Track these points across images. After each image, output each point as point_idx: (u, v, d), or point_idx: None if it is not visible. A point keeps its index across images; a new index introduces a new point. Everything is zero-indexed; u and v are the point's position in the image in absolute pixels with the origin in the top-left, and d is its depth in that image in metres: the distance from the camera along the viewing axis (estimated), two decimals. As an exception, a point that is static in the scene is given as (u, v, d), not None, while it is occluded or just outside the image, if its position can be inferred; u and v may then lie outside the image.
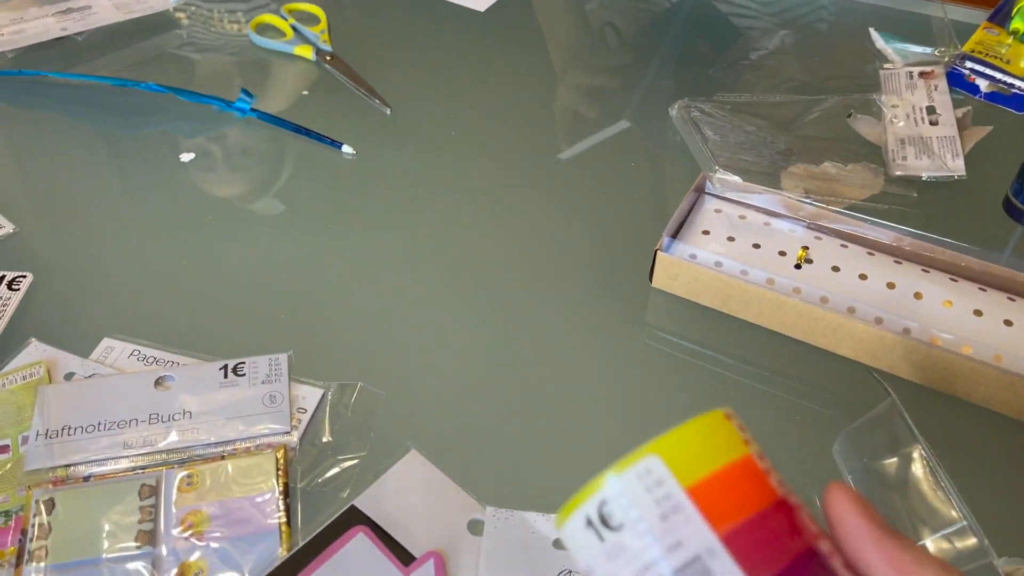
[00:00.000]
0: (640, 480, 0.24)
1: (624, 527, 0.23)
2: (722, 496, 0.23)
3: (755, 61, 0.75)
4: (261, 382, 0.50)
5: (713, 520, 0.23)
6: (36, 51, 0.73)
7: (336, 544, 0.43)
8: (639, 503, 0.23)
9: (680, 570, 0.23)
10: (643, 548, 0.23)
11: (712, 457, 0.24)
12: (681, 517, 0.23)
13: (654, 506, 0.23)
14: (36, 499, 0.45)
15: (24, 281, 0.56)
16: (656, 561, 0.23)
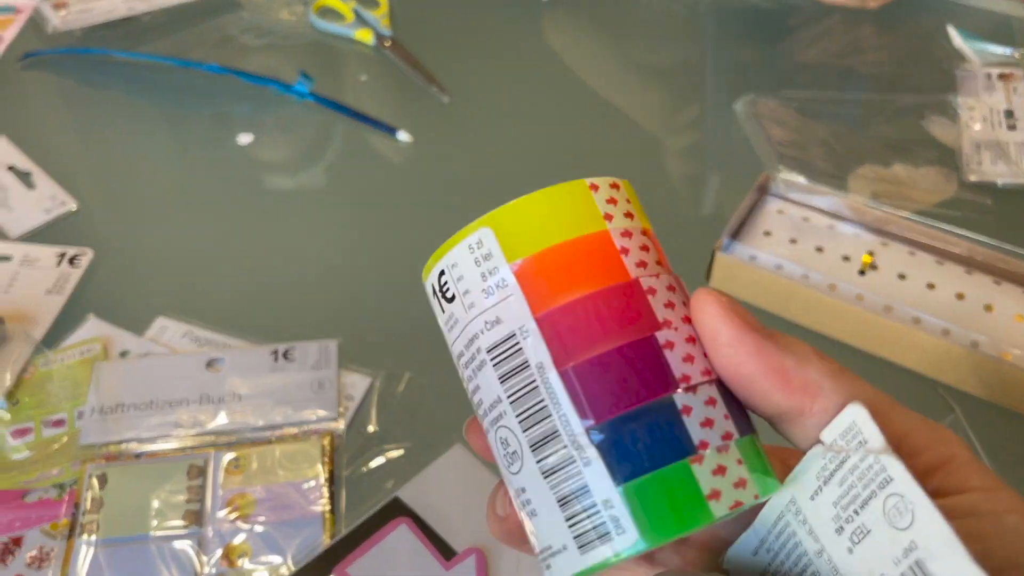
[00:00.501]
0: (471, 252, 0.23)
1: (455, 299, 0.23)
2: (551, 273, 0.22)
3: (824, 57, 0.72)
4: (310, 368, 0.50)
5: (532, 299, 0.22)
6: (102, 30, 0.74)
7: (379, 534, 0.43)
8: (467, 276, 0.23)
9: (493, 348, 0.22)
10: (468, 321, 0.23)
11: (552, 231, 0.22)
12: (503, 293, 0.22)
13: (480, 280, 0.22)
14: (89, 473, 0.46)
15: (84, 257, 0.57)
16: (477, 336, 0.22)
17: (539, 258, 0.22)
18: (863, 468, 0.18)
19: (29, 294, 0.55)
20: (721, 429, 0.21)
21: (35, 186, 0.62)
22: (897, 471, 0.18)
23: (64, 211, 0.61)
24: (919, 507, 0.17)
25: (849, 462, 0.19)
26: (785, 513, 0.20)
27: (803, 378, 0.21)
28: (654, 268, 0.23)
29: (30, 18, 0.76)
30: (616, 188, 0.24)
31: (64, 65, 0.72)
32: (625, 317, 0.21)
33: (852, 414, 0.19)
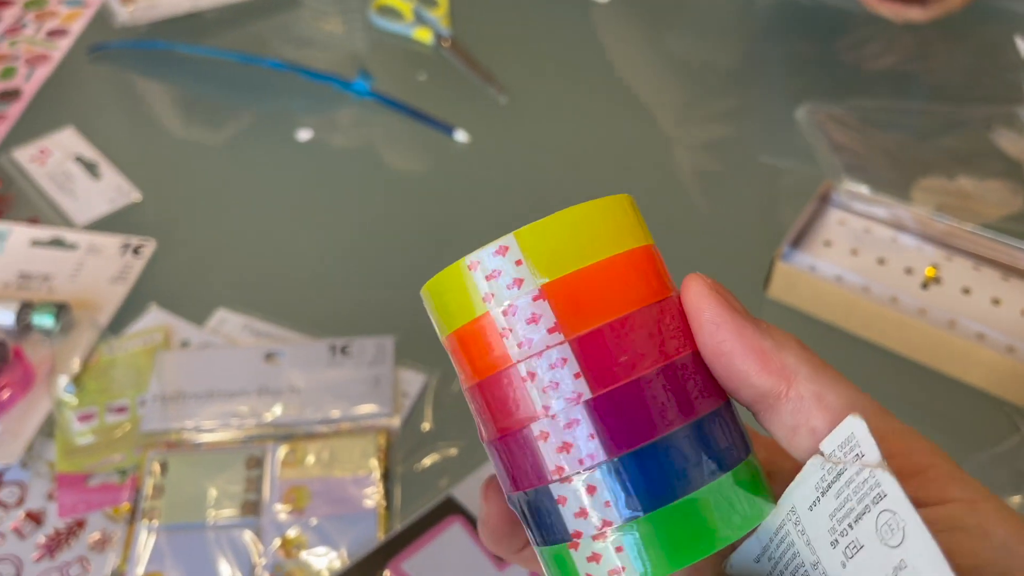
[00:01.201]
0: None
1: None
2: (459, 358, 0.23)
3: (889, 66, 0.71)
4: (367, 364, 0.51)
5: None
6: (168, 25, 0.76)
7: (432, 532, 0.44)
8: None
9: None
10: None
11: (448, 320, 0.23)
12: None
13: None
14: (151, 460, 0.47)
15: (147, 247, 0.58)
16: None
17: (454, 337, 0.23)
18: (858, 482, 0.18)
19: (94, 282, 0.56)
20: (597, 519, 0.21)
21: (100, 176, 0.63)
22: (891, 487, 0.17)
23: (128, 202, 0.62)
24: (910, 525, 0.17)
25: (846, 475, 0.19)
26: (786, 522, 0.20)
27: (780, 361, 0.21)
28: (548, 339, 0.21)
29: (97, 12, 0.78)
30: (501, 253, 0.22)
31: (130, 58, 0.73)
32: (505, 408, 0.22)
33: (851, 426, 0.19)
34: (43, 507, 0.46)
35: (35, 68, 0.72)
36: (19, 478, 0.47)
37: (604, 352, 0.21)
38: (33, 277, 0.56)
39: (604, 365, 0.21)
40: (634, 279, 0.22)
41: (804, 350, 0.22)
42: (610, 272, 0.22)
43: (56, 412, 0.49)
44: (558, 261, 0.21)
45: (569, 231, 0.22)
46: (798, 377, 0.21)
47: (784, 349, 0.21)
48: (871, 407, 0.21)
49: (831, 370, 0.22)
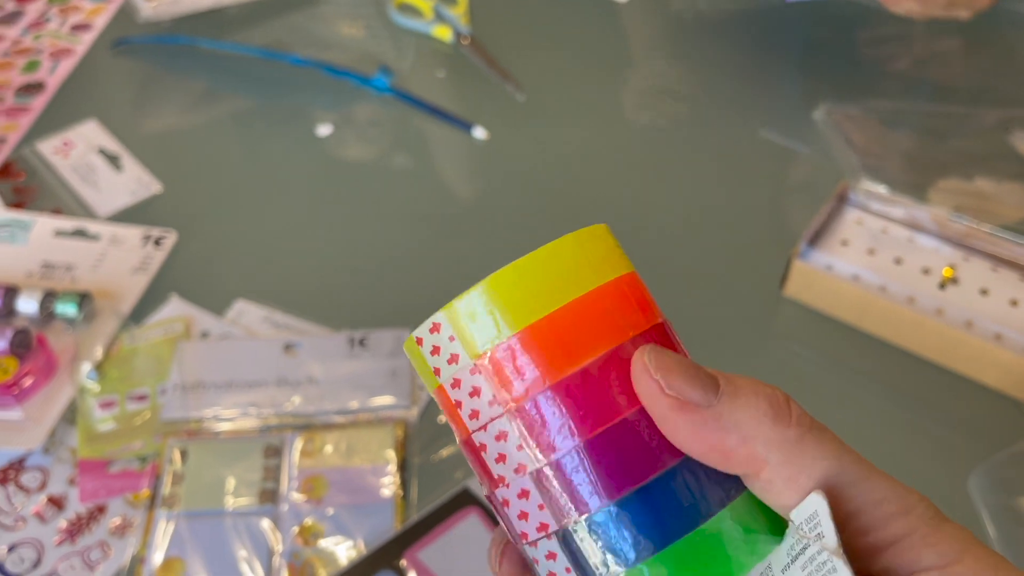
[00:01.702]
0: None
1: None
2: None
3: (907, 67, 0.71)
4: (384, 356, 0.51)
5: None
6: (190, 20, 0.76)
7: (448, 522, 0.44)
8: None
9: None
10: None
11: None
12: None
13: None
14: (171, 447, 0.47)
15: (168, 239, 0.59)
16: None
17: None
18: (819, 560, 0.19)
19: (115, 272, 0.57)
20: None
21: (123, 169, 0.64)
22: (843, 574, 0.18)
23: (149, 194, 0.62)
24: None
25: (809, 550, 0.19)
26: (765, 573, 0.21)
27: (746, 452, 0.20)
28: (490, 412, 0.21)
29: (121, 7, 0.78)
30: (435, 331, 0.22)
31: (153, 53, 0.74)
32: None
33: (814, 504, 0.19)
34: (65, 492, 0.47)
35: (59, 62, 0.73)
36: (41, 463, 0.48)
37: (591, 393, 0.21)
38: (56, 267, 0.57)
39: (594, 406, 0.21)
40: (599, 319, 0.21)
41: (777, 430, 0.20)
42: (576, 315, 0.21)
43: (78, 399, 0.49)
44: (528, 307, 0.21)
45: (535, 274, 0.21)
46: (768, 464, 0.20)
47: (751, 439, 0.20)
48: (859, 473, 0.20)
49: (810, 444, 0.20)
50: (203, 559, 0.43)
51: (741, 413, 0.20)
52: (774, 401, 0.20)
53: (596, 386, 0.21)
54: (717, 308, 0.55)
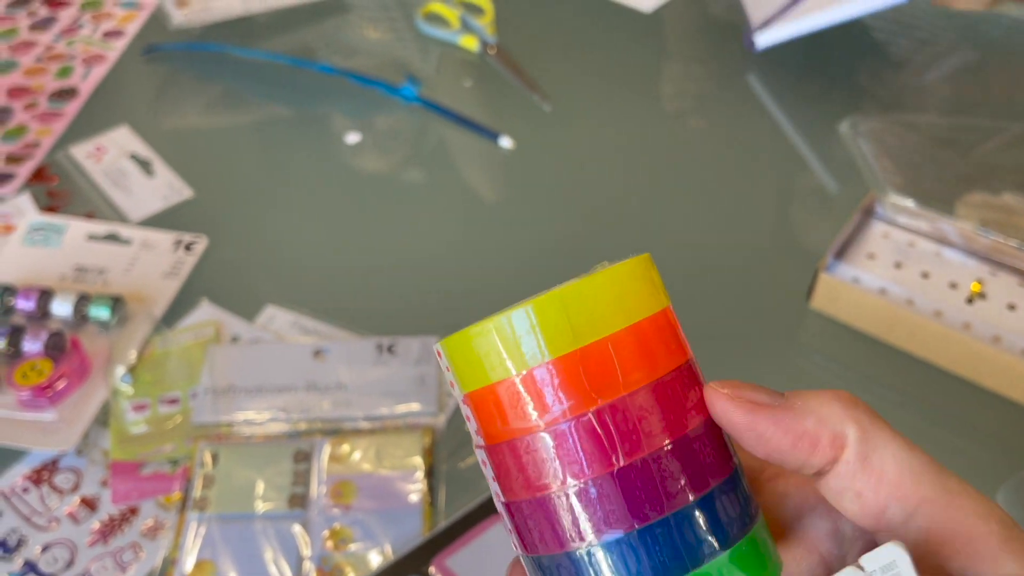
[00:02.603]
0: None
1: None
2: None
3: (933, 81, 0.71)
4: (412, 363, 0.52)
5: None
6: (220, 28, 0.77)
7: (476, 529, 0.44)
8: None
9: None
10: None
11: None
12: None
13: None
14: (202, 451, 0.48)
15: (199, 244, 0.59)
16: None
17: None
18: None
19: (147, 277, 0.57)
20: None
21: (154, 174, 0.65)
22: None
23: (180, 199, 0.63)
24: None
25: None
26: None
27: (828, 433, 0.21)
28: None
29: (152, 14, 0.80)
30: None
31: (184, 60, 0.75)
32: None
33: (894, 554, 0.19)
34: (97, 493, 0.47)
35: (92, 67, 0.74)
36: (75, 465, 0.48)
37: (621, 425, 0.21)
38: (89, 270, 0.58)
39: (623, 437, 0.21)
40: (651, 349, 0.22)
41: (848, 407, 0.21)
42: (627, 343, 0.22)
43: (112, 401, 0.50)
44: (575, 331, 0.21)
45: (587, 300, 0.22)
46: (847, 441, 0.21)
47: (827, 418, 0.21)
48: (921, 466, 0.21)
49: (879, 424, 0.21)
50: (234, 562, 0.44)
51: (811, 402, 0.22)
52: (840, 395, 0.22)
53: (625, 420, 0.21)
54: (743, 320, 0.55)
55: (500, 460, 0.22)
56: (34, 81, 0.73)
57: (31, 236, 0.59)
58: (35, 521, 0.46)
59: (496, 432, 0.23)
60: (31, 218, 0.61)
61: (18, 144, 0.67)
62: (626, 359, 0.22)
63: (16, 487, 0.47)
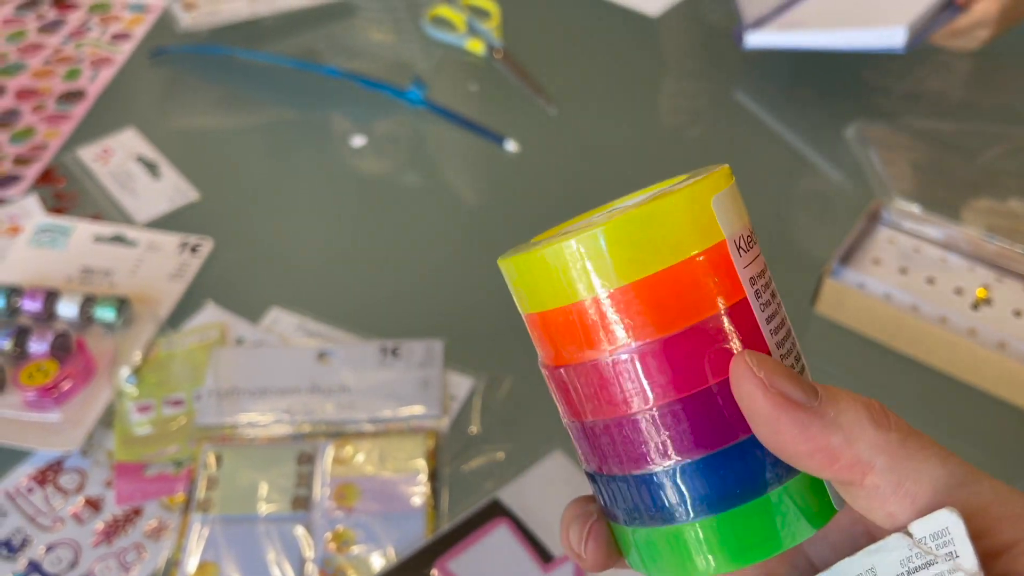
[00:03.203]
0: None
1: None
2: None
3: (940, 87, 0.71)
4: (416, 366, 0.52)
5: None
6: (227, 31, 0.78)
7: (478, 533, 0.44)
8: None
9: None
10: None
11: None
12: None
13: None
14: (206, 452, 0.48)
15: (205, 246, 0.60)
16: None
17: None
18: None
19: (153, 278, 0.58)
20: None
21: (161, 176, 0.65)
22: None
23: (186, 202, 0.64)
24: None
25: (935, 567, 0.18)
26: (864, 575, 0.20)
27: (851, 455, 0.20)
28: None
29: (160, 17, 0.80)
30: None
31: (191, 63, 0.76)
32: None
33: (947, 520, 0.18)
34: (101, 494, 0.47)
35: (99, 70, 0.74)
36: (79, 465, 0.48)
37: (692, 353, 0.21)
38: (95, 272, 0.58)
39: (691, 367, 0.21)
40: (713, 281, 0.21)
41: (880, 431, 0.20)
42: (690, 273, 0.21)
43: (116, 402, 0.50)
44: (645, 258, 0.21)
45: (658, 226, 0.21)
46: (873, 469, 0.20)
47: (856, 439, 0.20)
48: (960, 476, 0.20)
49: (913, 447, 0.20)
50: (237, 564, 0.44)
51: (844, 416, 0.20)
52: (872, 407, 0.20)
53: (711, 342, 0.21)
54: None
55: (573, 381, 0.22)
56: (42, 83, 0.73)
57: (38, 237, 0.60)
58: (39, 521, 0.46)
59: (569, 354, 0.22)
60: (38, 219, 0.61)
61: (26, 146, 0.67)
62: (704, 281, 0.21)
63: (21, 487, 0.48)
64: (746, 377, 0.21)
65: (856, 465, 0.20)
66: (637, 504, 0.22)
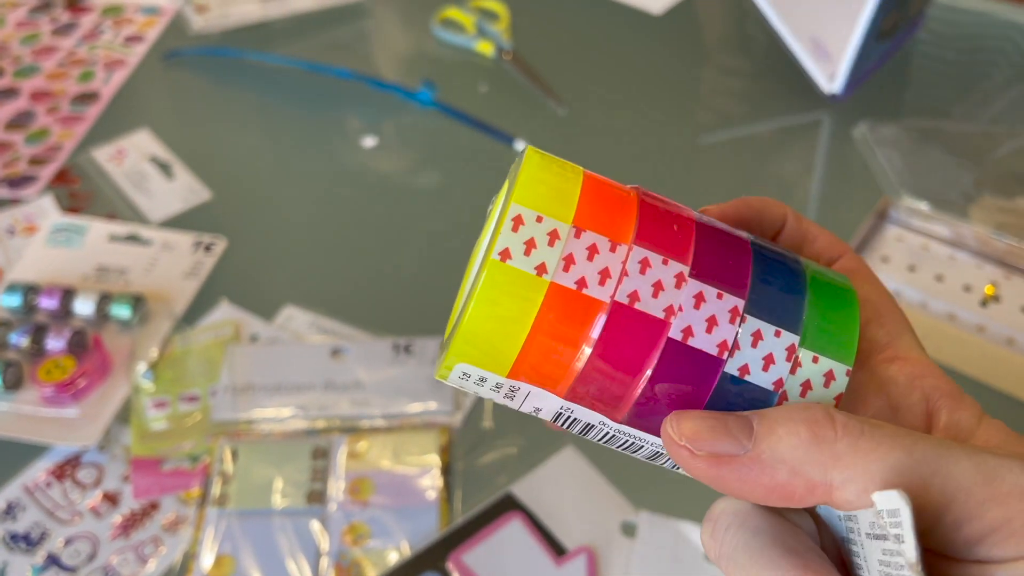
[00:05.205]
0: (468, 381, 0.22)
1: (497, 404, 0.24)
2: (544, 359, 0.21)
3: (947, 85, 0.71)
4: (429, 362, 0.52)
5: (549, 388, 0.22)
6: (239, 33, 0.78)
7: (492, 527, 0.45)
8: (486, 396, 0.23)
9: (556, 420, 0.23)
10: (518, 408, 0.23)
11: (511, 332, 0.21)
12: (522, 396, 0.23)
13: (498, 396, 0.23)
14: (222, 447, 0.48)
15: (218, 245, 0.60)
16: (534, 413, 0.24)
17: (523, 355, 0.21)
18: (895, 562, 0.18)
19: (167, 277, 0.58)
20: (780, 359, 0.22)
21: (174, 177, 0.66)
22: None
23: (200, 201, 0.64)
24: None
25: (887, 543, 0.18)
26: (848, 520, 0.20)
27: (804, 483, 0.19)
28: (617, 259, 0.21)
29: (172, 20, 0.81)
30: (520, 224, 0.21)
31: (203, 65, 0.76)
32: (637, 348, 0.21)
33: (897, 503, 0.18)
34: (119, 488, 0.48)
35: (113, 72, 0.75)
36: (96, 460, 0.49)
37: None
38: (110, 270, 0.59)
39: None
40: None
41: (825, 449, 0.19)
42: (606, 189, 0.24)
43: (133, 398, 0.51)
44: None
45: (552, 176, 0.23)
46: (833, 486, 0.19)
47: (802, 467, 0.19)
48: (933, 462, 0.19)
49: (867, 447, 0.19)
50: (253, 557, 0.44)
51: (782, 446, 0.19)
52: (812, 422, 0.19)
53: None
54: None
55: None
56: (56, 85, 0.74)
57: (54, 237, 0.60)
58: (58, 515, 0.47)
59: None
60: (54, 219, 0.62)
61: (41, 147, 0.68)
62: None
63: (39, 482, 0.48)
64: (672, 446, 0.21)
65: (815, 489, 0.19)
66: None
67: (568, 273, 0.21)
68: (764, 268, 0.22)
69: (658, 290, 0.21)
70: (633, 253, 0.21)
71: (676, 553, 0.44)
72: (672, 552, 0.44)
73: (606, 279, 0.21)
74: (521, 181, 0.22)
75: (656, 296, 0.21)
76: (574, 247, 0.21)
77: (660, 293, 0.21)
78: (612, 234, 0.22)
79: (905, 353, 0.24)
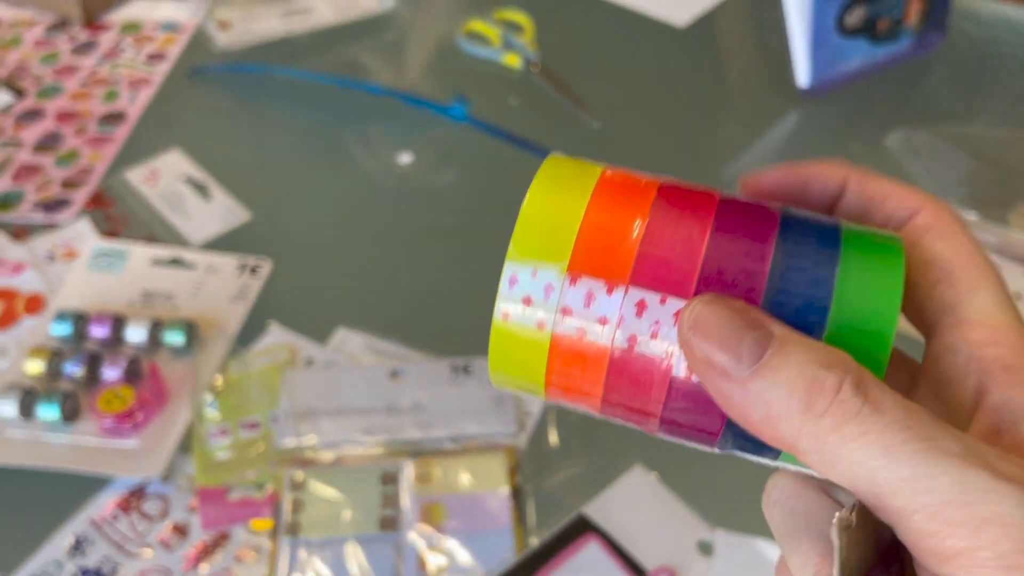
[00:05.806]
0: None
1: None
2: None
3: (979, 92, 0.72)
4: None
5: None
6: (263, 49, 0.78)
7: (569, 550, 0.45)
8: None
9: None
10: None
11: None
12: None
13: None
14: (289, 476, 0.48)
15: (263, 267, 0.60)
16: None
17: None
18: None
19: (214, 301, 0.58)
20: None
21: (211, 197, 0.65)
22: None
23: (239, 222, 0.64)
24: None
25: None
26: None
27: (770, 435, 0.19)
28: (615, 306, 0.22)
29: (194, 36, 0.80)
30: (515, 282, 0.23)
31: (229, 81, 0.76)
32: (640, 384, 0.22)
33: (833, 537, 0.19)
34: (187, 520, 0.48)
35: (138, 91, 0.74)
36: (161, 491, 0.49)
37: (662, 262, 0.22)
38: (157, 295, 0.58)
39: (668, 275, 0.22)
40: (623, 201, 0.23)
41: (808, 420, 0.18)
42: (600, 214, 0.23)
43: (196, 426, 0.50)
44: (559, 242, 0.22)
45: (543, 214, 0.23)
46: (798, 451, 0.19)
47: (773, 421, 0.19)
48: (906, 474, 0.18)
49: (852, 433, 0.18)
50: (330, 586, 0.44)
51: (774, 392, 0.18)
52: (815, 384, 0.18)
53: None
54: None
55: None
56: (81, 105, 0.73)
57: (96, 262, 0.60)
58: (127, 548, 0.47)
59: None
60: (93, 244, 0.61)
61: (72, 169, 0.67)
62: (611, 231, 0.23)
63: (106, 515, 0.48)
64: (679, 331, 0.20)
65: (782, 445, 0.19)
66: None
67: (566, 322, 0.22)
68: (786, 267, 0.21)
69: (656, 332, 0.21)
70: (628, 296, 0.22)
71: (755, 572, 0.44)
72: (751, 571, 0.44)
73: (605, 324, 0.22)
74: (516, 233, 0.23)
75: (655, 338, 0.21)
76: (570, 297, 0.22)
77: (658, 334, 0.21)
78: (608, 275, 0.22)
79: (973, 316, 0.21)
